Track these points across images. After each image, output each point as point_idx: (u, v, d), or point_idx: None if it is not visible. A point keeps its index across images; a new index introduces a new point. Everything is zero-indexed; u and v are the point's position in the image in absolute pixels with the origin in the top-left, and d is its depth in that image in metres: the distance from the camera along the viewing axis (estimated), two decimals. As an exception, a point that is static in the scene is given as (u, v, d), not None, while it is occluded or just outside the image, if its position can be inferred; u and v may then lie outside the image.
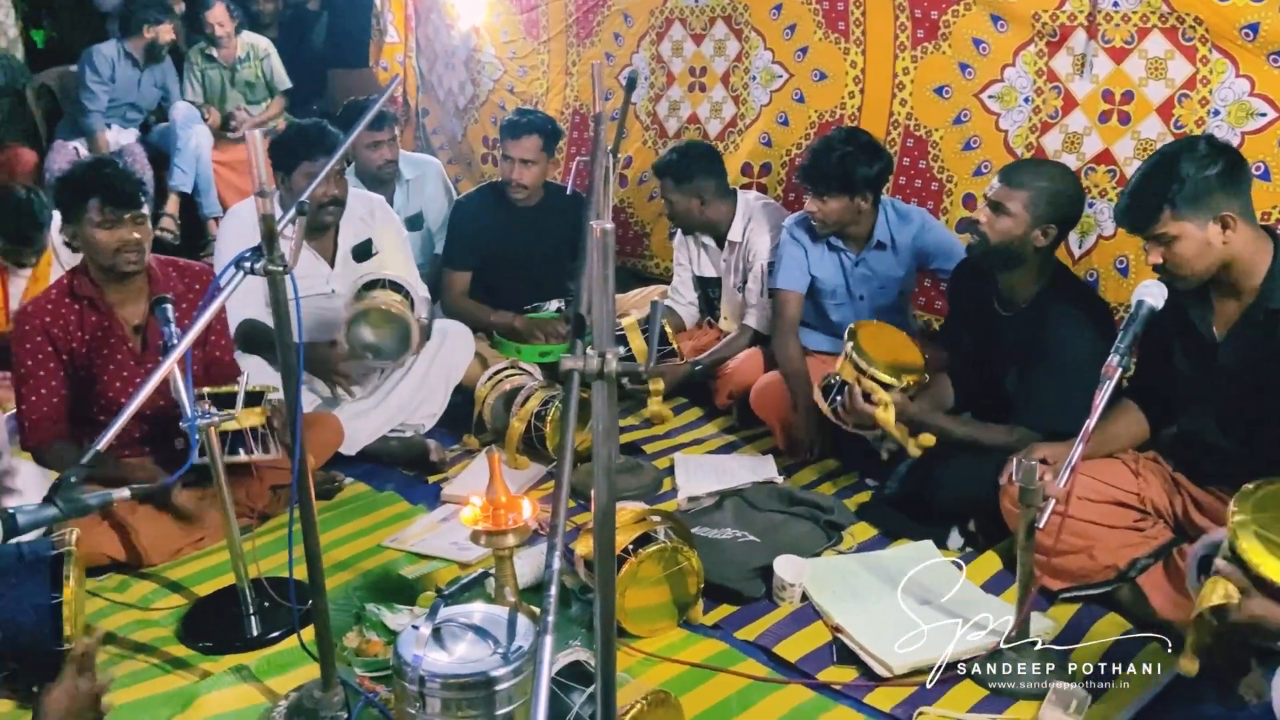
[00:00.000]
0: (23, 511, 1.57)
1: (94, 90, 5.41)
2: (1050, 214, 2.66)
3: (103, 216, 2.69)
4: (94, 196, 2.69)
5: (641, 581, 2.38)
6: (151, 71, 5.65)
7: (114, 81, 5.49)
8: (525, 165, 3.87)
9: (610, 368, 1.33)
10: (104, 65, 5.44)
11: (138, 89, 5.62)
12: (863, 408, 2.71)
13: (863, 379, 2.73)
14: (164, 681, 2.32)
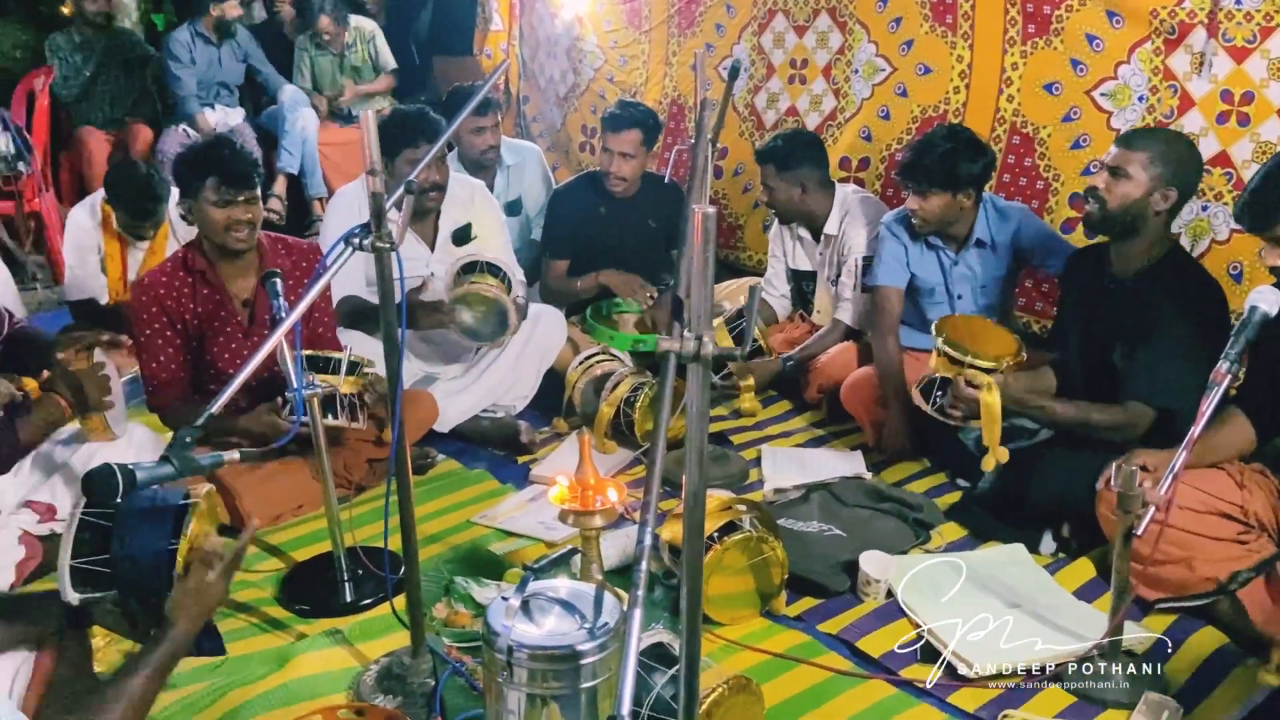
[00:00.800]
0: (141, 468, 1.65)
1: (178, 75, 5.62)
2: (1169, 177, 2.60)
3: (218, 195, 2.80)
4: (211, 175, 2.79)
5: (725, 569, 2.39)
6: (229, 47, 5.83)
7: (194, 63, 5.69)
8: (624, 159, 3.89)
9: (707, 350, 1.34)
10: (180, 50, 5.64)
11: (219, 66, 5.80)
12: (970, 394, 2.65)
13: (963, 370, 2.68)
14: (263, 640, 2.42)
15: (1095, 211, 2.69)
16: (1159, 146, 2.63)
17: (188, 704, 2.16)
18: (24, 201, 4.95)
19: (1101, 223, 2.70)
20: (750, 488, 3.13)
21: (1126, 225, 2.66)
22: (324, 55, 5.99)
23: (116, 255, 4.07)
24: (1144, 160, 2.61)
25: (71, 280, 4.18)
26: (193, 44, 5.69)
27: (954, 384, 2.69)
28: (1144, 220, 2.64)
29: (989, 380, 2.63)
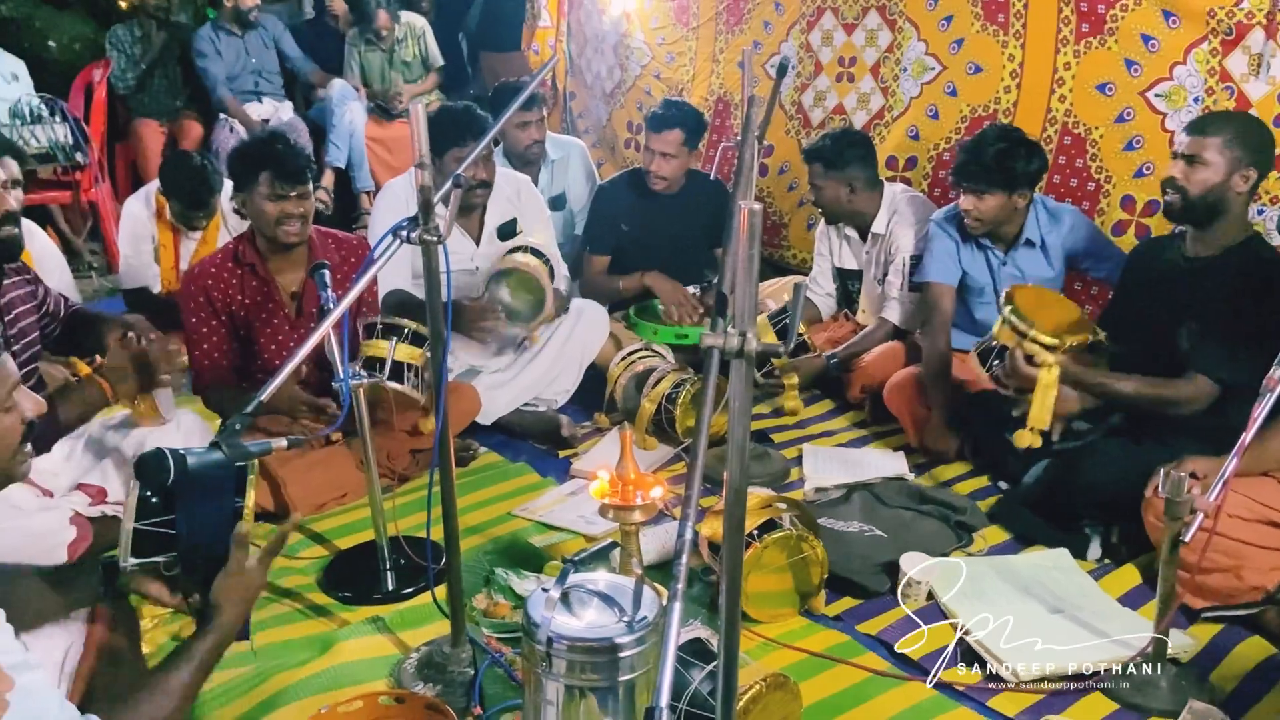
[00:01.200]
0: (193, 453, 1.68)
1: (204, 67, 5.75)
2: (1246, 157, 2.57)
3: (271, 189, 2.85)
4: (265, 170, 2.85)
5: (764, 567, 2.39)
6: (256, 36, 5.93)
7: (220, 55, 5.79)
8: (665, 158, 3.89)
9: (750, 346, 1.34)
10: (204, 45, 5.77)
11: (247, 55, 5.90)
12: (1025, 371, 2.61)
13: (1024, 342, 2.62)
14: (305, 626, 2.46)
15: (1176, 202, 2.65)
16: (1232, 128, 2.60)
17: (230, 688, 2.20)
18: (81, 191, 5.06)
19: (1184, 212, 2.65)
20: (791, 486, 3.12)
21: (1209, 210, 2.62)
22: (374, 51, 6.06)
23: (170, 245, 4.15)
24: (1219, 144, 2.57)
25: (126, 269, 4.27)
26: (215, 37, 5.81)
27: (1011, 355, 2.64)
28: (1226, 203, 2.60)
29: (1048, 357, 2.58)
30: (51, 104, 4.97)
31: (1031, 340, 2.61)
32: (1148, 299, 2.81)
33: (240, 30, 5.86)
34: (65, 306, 2.94)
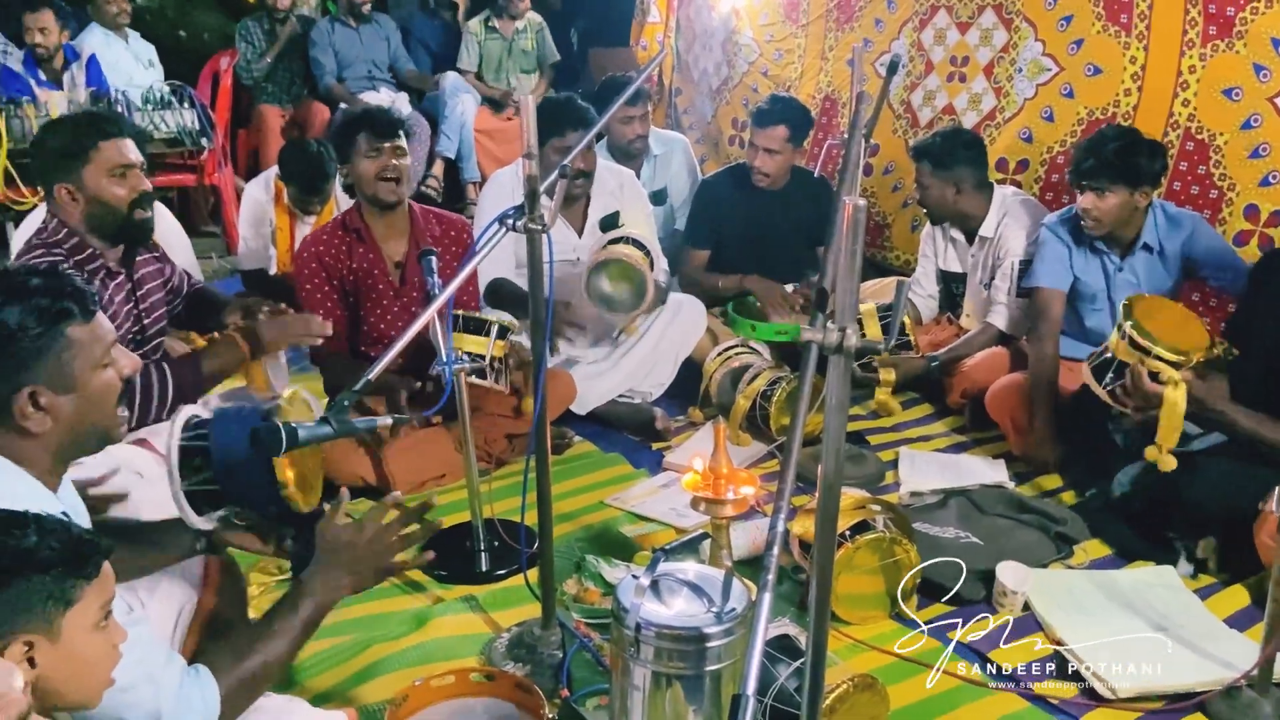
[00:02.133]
0: (303, 427, 1.74)
1: (317, 59, 6.00)
2: None
3: (369, 145, 3.02)
4: (361, 131, 3.03)
5: (855, 568, 2.37)
6: (371, 29, 6.14)
7: (333, 47, 6.02)
8: (769, 154, 3.87)
9: (850, 343, 1.34)
10: (319, 36, 6.03)
11: (361, 44, 6.11)
12: (1151, 389, 2.48)
13: (1147, 359, 2.50)
14: (402, 601, 2.53)
15: None
16: None
17: (331, 655, 2.28)
18: (204, 175, 5.26)
19: None
20: (886, 489, 3.08)
21: None
22: (494, 39, 6.17)
23: (286, 228, 4.30)
24: None
25: (244, 251, 4.44)
26: (331, 29, 6.05)
27: (1134, 372, 2.52)
28: None
29: (1175, 375, 2.46)
30: (180, 91, 5.19)
31: (1156, 357, 2.49)
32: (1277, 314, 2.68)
33: (355, 23, 6.04)
34: (188, 284, 3.08)
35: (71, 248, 2.61)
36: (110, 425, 1.66)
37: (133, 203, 2.62)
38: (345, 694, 2.16)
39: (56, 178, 2.58)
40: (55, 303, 1.54)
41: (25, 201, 4.48)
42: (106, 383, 1.62)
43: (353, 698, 2.14)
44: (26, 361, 1.51)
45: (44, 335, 1.52)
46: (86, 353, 1.57)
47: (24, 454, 1.54)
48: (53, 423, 1.55)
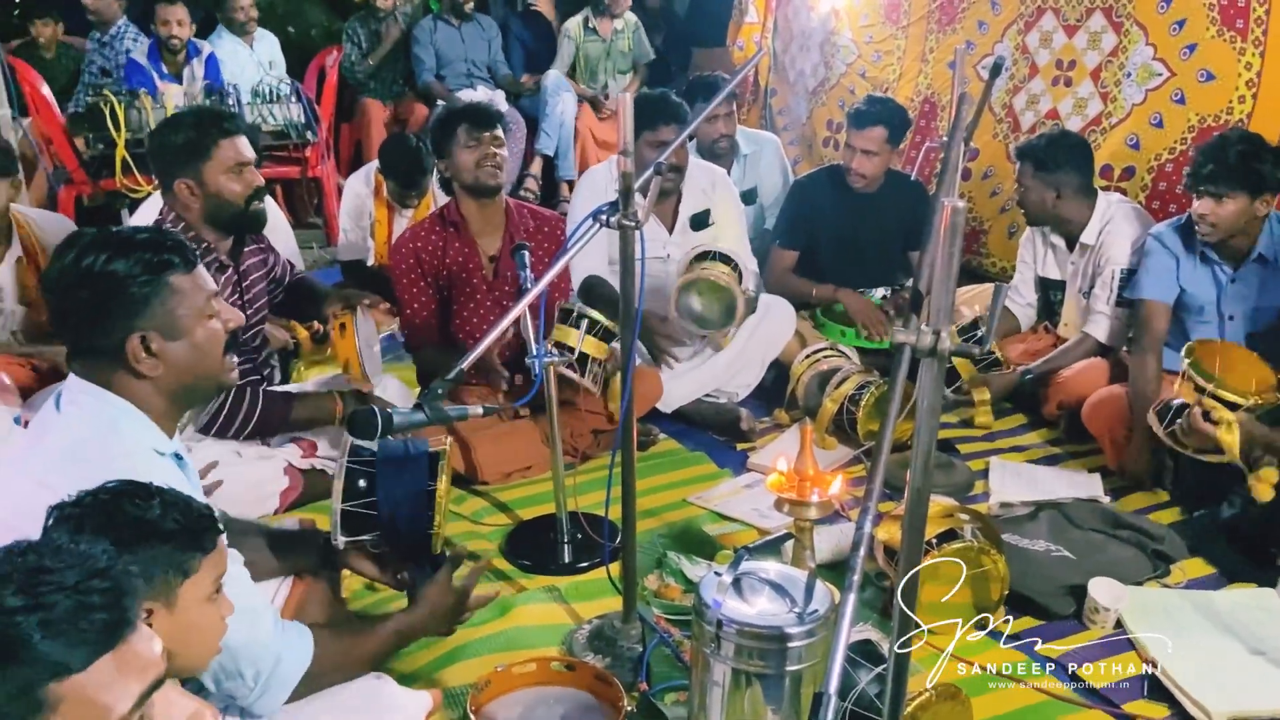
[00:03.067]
0: (399, 412, 1.80)
1: (419, 55, 6.14)
2: None
3: (468, 136, 3.08)
4: (460, 123, 3.10)
5: (941, 577, 2.33)
6: (473, 28, 6.26)
7: (434, 45, 6.14)
8: (866, 155, 3.83)
9: (943, 345, 1.32)
10: (421, 33, 6.18)
11: (463, 44, 6.22)
12: (1203, 428, 2.47)
13: (1203, 398, 2.49)
14: (487, 589, 2.55)
15: None
16: None
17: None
18: (308, 168, 5.42)
19: None
20: (975, 499, 3.03)
21: None
22: (593, 40, 6.22)
23: (384, 221, 4.40)
24: None
25: (344, 242, 4.56)
26: (434, 27, 6.18)
27: (1190, 412, 2.51)
28: None
29: (1229, 417, 2.44)
30: (289, 85, 5.35)
31: (1211, 396, 2.47)
32: None
33: (457, 21, 6.15)
34: (290, 273, 3.18)
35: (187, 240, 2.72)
36: (218, 372, 1.75)
37: (248, 198, 2.73)
38: (430, 675, 2.21)
39: (177, 173, 2.69)
40: (158, 254, 1.64)
41: (140, 189, 4.67)
42: (212, 331, 1.71)
43: (437, 679, 2.19)
44: (135, 307, 1.61)
45: (149, 283, 1.62)
46: (190, 300, 1.67)
47: (141, 397, 1.64)
48: (164, 367, 1.64)
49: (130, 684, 0.85)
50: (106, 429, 1.59)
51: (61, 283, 1.62)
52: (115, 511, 1.29)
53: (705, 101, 3.80)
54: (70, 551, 0.88)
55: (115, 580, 0.87)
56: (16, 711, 0.80)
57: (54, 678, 0.82)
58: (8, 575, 0.84)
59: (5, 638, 0.81)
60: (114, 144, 4.68)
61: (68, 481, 1.39)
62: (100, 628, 0.84)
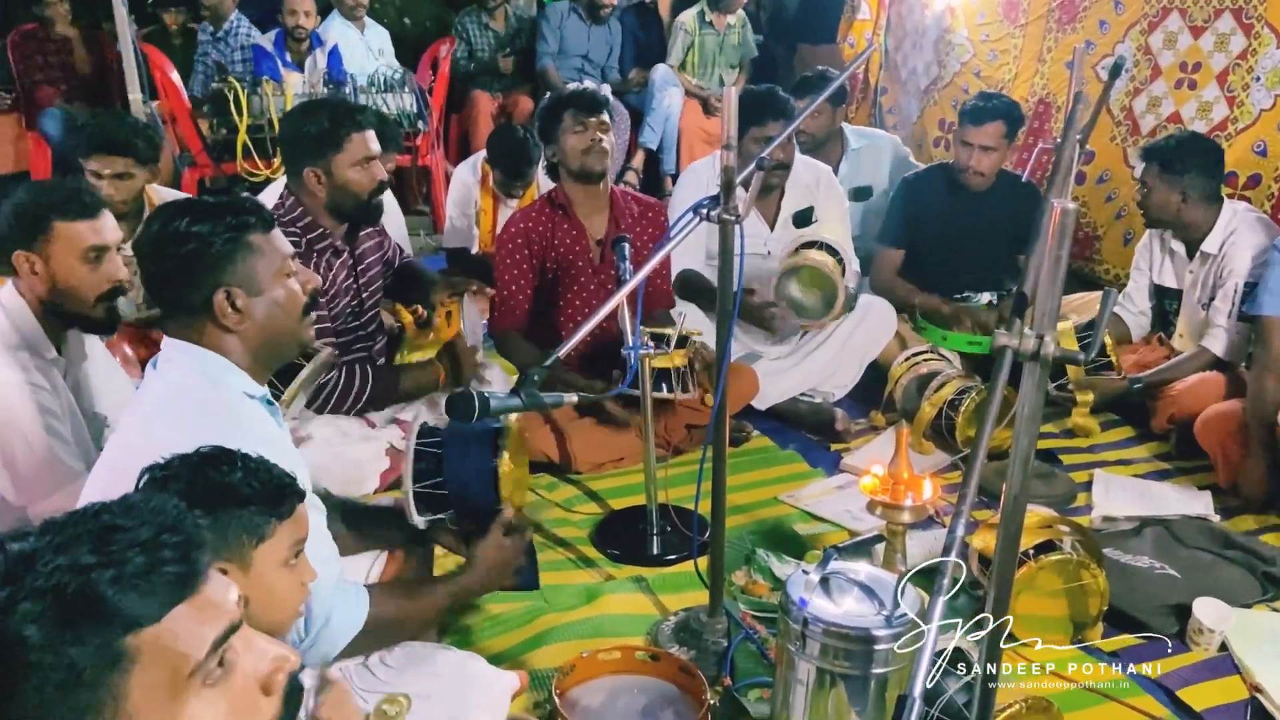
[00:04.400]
0: (495, 397, 1.83)
1: (546, 38, 6.20)
2: None
3: (574, 121, 3.12)
4: (568, 109, 3.13)
5: (1037, 589, 2.28)
6: (601, 30, 6.30)
7: (562, 32, 6.19)
8: (985, 151, 3.74)
9: (1047, 350, 1.29)
10: (554, 17, 6.23)
11: (587, 41, 6.27)
12: None
13: None
14: (576, 575, 2.62)
15: None
16: None
17: (503, 620, 2.37)
18: (418, 156, 5.54)
19: None
20: (1077, 512, 2.94)
21: None
22: (708, 33, 6.22)
23: (489, 210, 4.48)
24: None
25: (450, 230, 4.66)
26: (565, 15, 6.22)
27: None
28: None
29: None
30: (402, 75, 5.48)
31: None
32: None
33: (590, 21, 6.22)
34: (400, 257, 3.26)
35: (304, 225, 2.82)
36: (299, 331, 1.82)
37: (372, 191, 2.82)
38: (517, 658, 2.25)
39: (307, 161, 2.79)
40: (236, 215, 1.73)
41: (259, 174, 4.85)
42: (291, 290, 1.78)
43: (523, 661, 2.22)
44: (219, 264, 1.70)
45: (230, 240, 1.70)
46: (268, 259, 1.75)
47: (230, 350, 1.73)
48: (248, 322, 1.73)
49: (205, 630, 0.87)
50: (200, 376, 1.70)
51: (151, 247, 1.73)
52: (199, 476, 1.34)
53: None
54: (141, 508, 0.91)
55: (186, 534, 0.90)
56: (99, 665, 0.83)
57: (130, 631, 0.84)
58: (81, 535, 0.87)
59: (82, 595, 0.83)
60: (236, 129, 4.86)
61: (166, 427, 1.53)
62: (172, 580, 0.86)
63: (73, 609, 0.83)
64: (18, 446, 2.12)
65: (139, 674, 0.84)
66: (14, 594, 0.83)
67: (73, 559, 0.84)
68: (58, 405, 2.19)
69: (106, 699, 0.83)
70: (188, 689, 0.86)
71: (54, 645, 0.82)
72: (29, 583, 0.83)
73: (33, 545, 0.86)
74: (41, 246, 2.16)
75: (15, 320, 2.19)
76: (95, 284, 2.19)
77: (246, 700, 0.89)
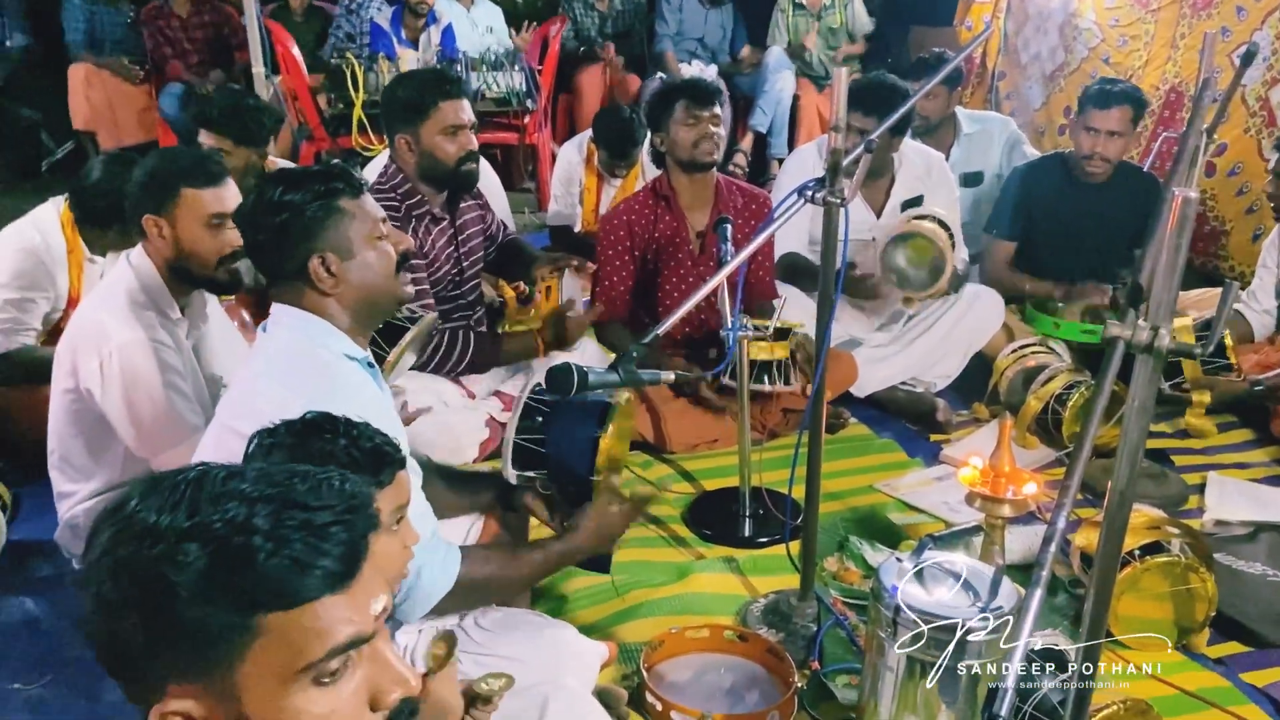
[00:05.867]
0: (593, 371, 1.84)
1: (665, 18, 6.19)
2: None
3: (686, 113, 3.10)
4: (681, 99, 3.11)
5: (1142, 591, 2.21)
6: (718, 13, 6.28)
7: (681, 13, 6.17)
8: (1111, 137, 3.60)
9: (1162, 342, 1.25)
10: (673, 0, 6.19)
11: (704, 24, 6.25)
12: None
13: None
14: (667, 553, 2.64)
15: None
16: None
17: (594, 592, 2.41)
18: (526, 134, 5.60)
19: None
20: (1188, 515, 2.83)
21: None
22: (801, 15, 6.14)
23: (593, 189, 4.51)
24: None
25: (554, 208, 4.71)
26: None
27: None
28: None
29: None
30: (513, 54, 5.54)
31: None
32: None
33: (707, 2, 6.20)
34: (503, 233, 3.32)
35: (404, 193, 2.90)
36: (394, 288, 1.86)
37: (460, 159, 2.87)
38: (607, 630, 2.27)
39: (399, 128, 2.88)
40: (326, 183, 1.77)
41: (373, 149, 4.97)
42: (383, 252, 1.82)
43: (612, 634, 2.25)
44: (312, 230, 1.75)
45: (321, 208, 1.75)
46: (359, 223, 1.79)
47: (329, 313, 1.79)
48: (343, 285, 1.78)
49: (336, 632, 0.85)
50: (305, 339, 1.76)
51: (249, 218, 1.81)
52: (302, 443, 1.38)
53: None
54: (327, 491, 0.89)
55: (355, 533, 0.88)
56: (226, 630, 0.83)
57: (266, 609, 0.83)
58: (266, 497, 0.86)
59: (242, 551, 0.82)
60: (352, 104, 4.99)
61: (271, 388, 1.60)
62: (325, 575, 0.85)
63: (228, 566, 0.82)
64: (141, 400, 2.23)
65: (259, 651, 0.84)
66: (190, 530, 0.83)
67: (249, 516, 0.84)
68: (180, 362, 2.29)
69: (220, 661, 0.84)
70: (296, 681, 0.85)
71: (197, 593, 0.82)
72: (206, 518, 0.83)
73: (234, 487, 0.86)
74: (168, 211, 2.26)
75: (144, 281, 2.29)
76: (217, 248, 2.28)
77: (351, 710, 0.87)
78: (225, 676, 0.84)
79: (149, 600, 0.82)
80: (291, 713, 0.85)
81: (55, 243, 2.91)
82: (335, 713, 0.86)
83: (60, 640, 2.31)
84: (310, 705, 0.85)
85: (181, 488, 0.86)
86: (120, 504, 0.87)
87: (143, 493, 0.86)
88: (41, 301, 2.90)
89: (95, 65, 5.77)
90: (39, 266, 2.88)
